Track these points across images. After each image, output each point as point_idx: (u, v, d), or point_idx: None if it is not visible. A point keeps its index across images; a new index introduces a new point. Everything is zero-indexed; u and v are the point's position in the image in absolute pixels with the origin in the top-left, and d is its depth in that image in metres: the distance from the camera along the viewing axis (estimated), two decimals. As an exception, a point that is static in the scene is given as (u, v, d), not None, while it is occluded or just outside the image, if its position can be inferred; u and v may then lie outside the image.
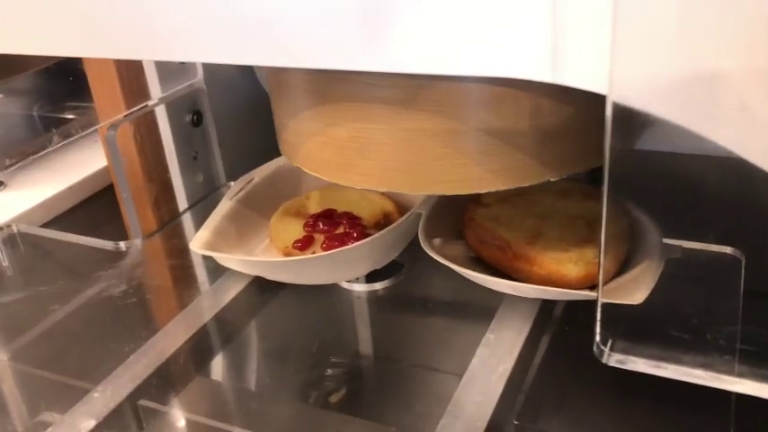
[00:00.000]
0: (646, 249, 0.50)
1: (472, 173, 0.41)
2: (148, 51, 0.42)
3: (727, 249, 0.52)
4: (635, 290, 0.44)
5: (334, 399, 0.51)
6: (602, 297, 0.44)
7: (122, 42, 0.41)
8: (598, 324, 0.31)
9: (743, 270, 0.50)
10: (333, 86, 0.41)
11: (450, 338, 0.56)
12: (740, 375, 0.29)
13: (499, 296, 0.54)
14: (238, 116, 0.77)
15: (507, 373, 0.47)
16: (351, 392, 0.52)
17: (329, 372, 0.53)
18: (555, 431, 0.47)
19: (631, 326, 0.35)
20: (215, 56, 0.39)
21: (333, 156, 0.44)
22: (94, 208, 0.86)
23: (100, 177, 0.86)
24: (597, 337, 0.31)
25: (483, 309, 0.54)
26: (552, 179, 0.42)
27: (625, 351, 0.31)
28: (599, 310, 0.31)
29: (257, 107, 0.79)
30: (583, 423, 0.47)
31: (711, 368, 0.29)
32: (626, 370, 0.48)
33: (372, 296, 0.60)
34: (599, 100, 0.31)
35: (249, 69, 0.77)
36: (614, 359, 0.31)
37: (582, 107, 0.39)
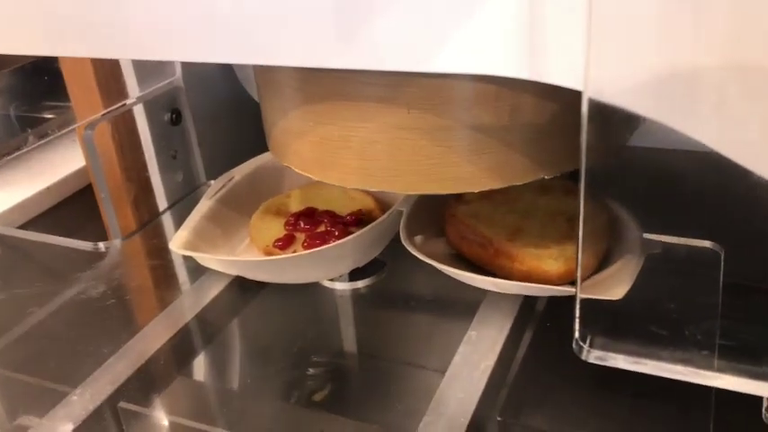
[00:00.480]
0: (625, 245, 0.50)
1: (464, 172, 0.40)
2: (125, 50, 0.41)
3: (707, 243, 0.53)
4: (614, 285, 0.44)
5: (317, 398, 0.51)
6: (582, 293, 0.44)
7: (98, 41, 0.41)
8: (577, 321, 0.31)
9: (722, 264, 0.51)
10: (322, 84, 0.41)
11: (432, 336, 0.56)
12: (719, 370, 0.29)
13: (481, 293, 0.54)
14: (218, 115, 0.77)
15: (489, 370, 0.47)
16: (334, 391, 0.52)
17: (312, 371, 0.53)
18: (537, 426, 0.47)
19: (610, 322, 0.35)
20: (192, 54, 0.39)
21: (323, 155, 0.43)
22: (72, 209, 0.85)
23: (78, 178, 0.86)
24: (576, 334, 0.31)
25: (465, 306, 0.54)
26: (546, 177, 0.42)
27: (604, 347, 0.31)
28: (577, 306, 0.31)
29: (237, 106, 0.78)
30: (565, 418, 0.47)
31: (691, 363, 0.29)
32: (604, 369, 0.49)
33: (354, 294, 0.59)
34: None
35: (228, 67, 0.76)
36: (594, 356, 0.31)
37: (574, 104, 0.39)
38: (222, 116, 0.77)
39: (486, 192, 0.56)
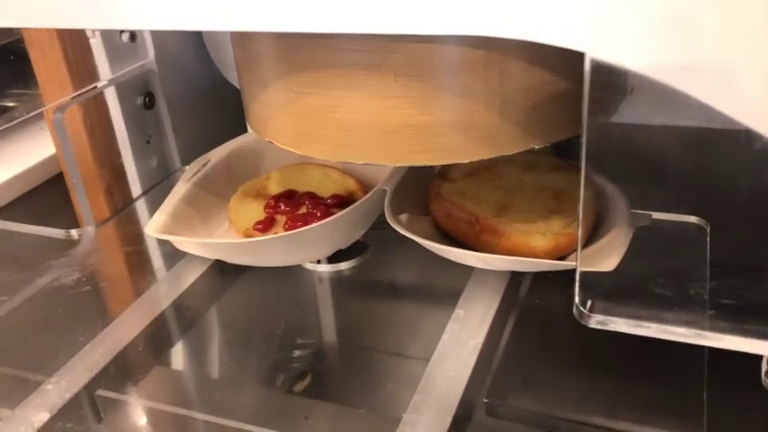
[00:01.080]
0: (613, 218, 0.49)
1: (453, 141, 0.39)
2: (93, 20, 0.39)
3: (692, 219, 0.52)
4: (606, 257, 0.43)
5: (300, 383, 0.50)
6: (574, 264, 0.43)
7: (62, 10, 0.39)
8: (577, 285, 0.30)
9: (708, 239, 0.50)
10: (304, 53, 0.39)
11: (418, 317, 0.55)
12: (722, 331, 0.28)
13: (467, 273, 0.53)
14: (192, 99, 0.75)
15: (479, 348, 0.47)
16: (318, 376, 0.51)
17: (295, 355, 0.52)
18: (525, 405, 0.46)
19: (610, 287, 0.34)
20: (165, 22, 0.37)
21: (306, 127, 0.42)
22: (43, 198, 0.83)
23: (47, 166, 0.83)
24: (576, 299, 0.30)
25: (451, 286, 0.53)
26: (536, 146, 0.41)
27: (605, 312, 0.30)
28: (578, 271, 0.30)
29: (212, 90, 0.76)
30: (553, 396, 0.46)
31: (693, 325, 0.29)
32: (595, 343, 0.48)
33: (338, 277, 0.58)
34: (582, 62, 0.30)
35: (203, 50, 0.74)
36: (594, 320, 0.30)
37: (565, 72, 0.39)
38: (197, 101, 0.75)
39: (472, 169, 0.56)
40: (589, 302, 0.30)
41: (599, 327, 0.30)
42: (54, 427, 0.44)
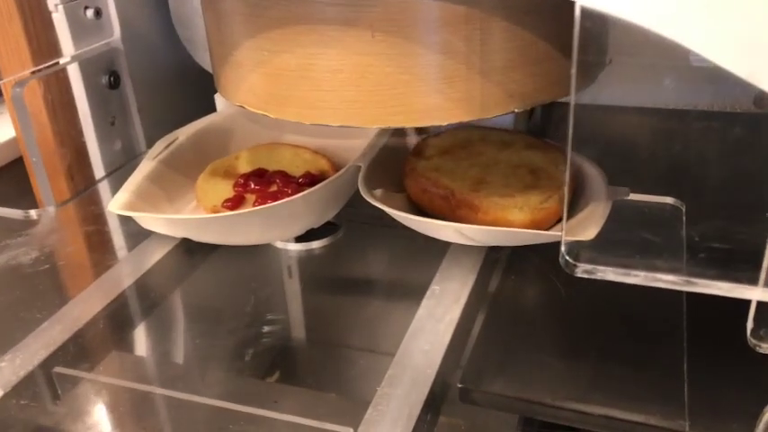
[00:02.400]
0: (590, 192, 0.49)
1: (433, 102, 0.38)
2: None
3: (668, 200, 0.52)
4: (585, 228, 0.42)
5: (269, 367, 0.48)
6: (554, 234, 0.43)
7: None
8: (564, 232, 0.29)
9: (684, 219, 0.50)
10: (276, 8, 0.38)
11: (391, 296, 0.54)
12: (711, 278, 0.27)
13: (441, 252, 0.52)
14: (159, 80, 0.73)
15: (455, 322, 0.45)
16: (287, 359, 0.49)
17: (264, 338, 0.50)
18: (500, 390, 0.45)
19: (602, 236, 0.33)
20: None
21: (280, 88, 0.40)
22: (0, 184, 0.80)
23: (4, 151, 0.80)
24: (563, 248, 0.29)
25: (424, 265, 0.52)
26: (517, 110, 0.40)
27: (592, 261, 0.29)
28: (564, 218, 0.29)
29: (179, 71, 0.74)
30: (529, 380, 0.45)
31: (682, 272, 0.28)
32: (573, 324, 0.47)
33: (308, 256, 0.57)
34: (563, 26, 0.29)
35: (170, 29, 0.72)
36: (581, 269, 0.29)
37: (546, 32, 0.38)
38: (164, 82, 0.73)
39: (447, 147, 0.55)
40: (575, 252, 0.29)
41: (586, 276, 0.29)
42: (8, 404, 0.41)
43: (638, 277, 0.28)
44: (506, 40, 0.37)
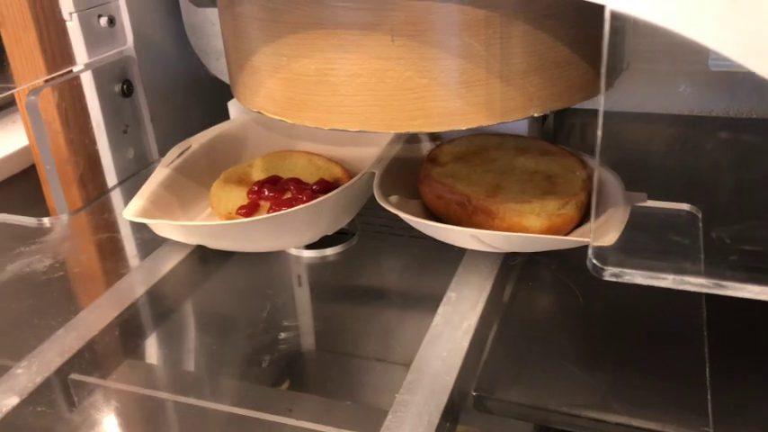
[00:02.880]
0: (607, 198, 0.48)
1: (452, 107, 0.38)
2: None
3: (684, 206, 0.52)
4: (605, 233, 0.42)
5: (283, 375, 0.48)
6: (575, 239, 0.42)
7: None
8: (592, 236, 0.29)
9: (701, 225, 0.49)
10: (295, 12, 0.37)
11: (407, 304, 0.53)
12: (743, 281, 0.27)
13: (456, 259, 0.51)
14: (171, 89, 0.73)
15: (472, 329, 0.45)
16: (302, 367, 0.49)
17: (278, 346, 0.50)
18: (516, 398, 0.44)
19: (625, 240, 0.33)
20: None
21: (298, 93, 0.40)
22: (12, 192, 0.80)
23: (16, 160, 0.80)
24: (590, 252, 0.29)
25: (440, 272, 0.52)
26: (536, 114, 0.39)
27: (619, 264, 0.29)
28: (593, 221, 0.29)
29: (192, 80, 0.75)
30: (545, 388, 0.44)
31: (714, 276, 0.27)
32: (590, 331, 0.47)
33: (322, 263, 0.56)
34: (583, 29, 0.29)
35: (183, 38, 0.73)
36: (609, 273, 0.29)
37: (566, 36, 0.37)
38: (177, 91, 0.73)
39: (462, 154, 0.55)
40: (602, 255, 0.29)
41: (613, 279, 0.29)
42: (24, 412, 0.41)
43: (666, 280, 0.27)
44: (526, 44, 0.37)
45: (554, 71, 0.39)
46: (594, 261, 0.29)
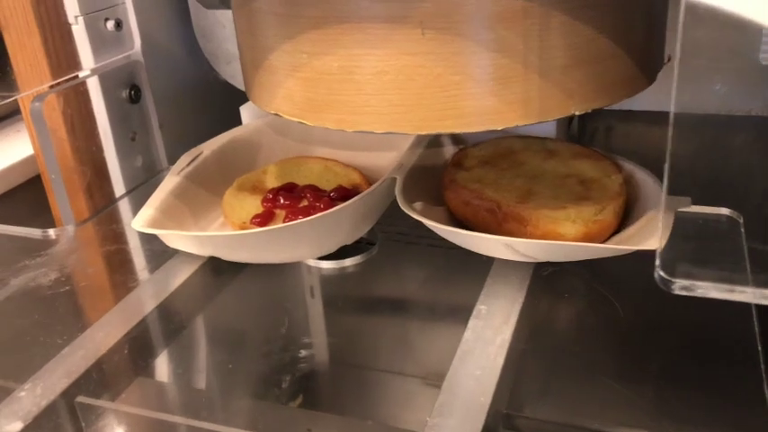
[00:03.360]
0: (644, 201, 0.46)
1: (487, 105, 0.35)
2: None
3: (724, 211, 0.49)
4: (647, 237, 0.39)
5: (301, 394, 0.45)
6: (619, 248, 0.39)
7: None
8: (660, 245, 0.26)
9: (743, 230, 0.46)
10: (316, 6, 0.35)
11: (432, 318, 0.50)
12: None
13: (483, 269, 0.48)
14: (181, 94, 0.70)
15: (506, 345, 0.42)
16: (322, 384, 0.46)
17: (296, 364, 0.47)
18: (548, 416, 0.41)
19: (697, 248, 0.30)
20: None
21: (320, 93, 0.37)
22: (16, 203, 0.77)
23: (20, 170, 0.78)
24: (657, 261, 0.26)
25: (467, 283, 0.49)
26: (577, 113, 0.36)
27: (689, 276, 0.26)
28: (661, 228, 0.26)
29: (202, 85, 0.72)
30: (582, 405, 0.41)
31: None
32: (629, 342, 0.44)
33: (341, 274, 0.53)
34: (625, 21, 0.26)
35: (192, 42, 0.70)
36: (678, 286, 0.26)
37: (608, 28, 0.34)
38: (186, 96, 0.71)
39: (488, 158, 0.52)
40: (670, 267, 0.26)
41: (684, 293, 0.26)
42: (28, 438, 0.38)
43: (745, 294, 0.24)
44: (566, 36, 0.34)
45: (596, 66, 0.36)
46: (662, 273, 0.26)
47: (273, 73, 0.39)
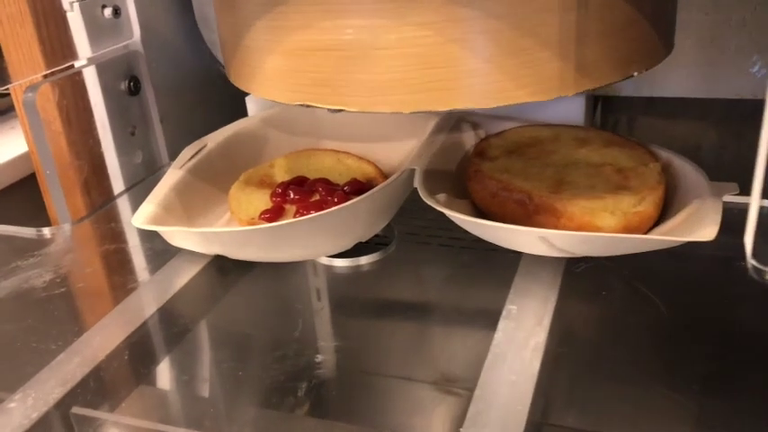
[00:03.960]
0: (686, 190, 0.42)
1: (553, 70, 0.31)
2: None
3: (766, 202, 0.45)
4: (699, 227, 0.36)
5: (315, 402, 0.41)
6: (668, 239, 0.36)
7: None
8: (749, 233, 0.22)
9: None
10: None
11: (458, 318, 0.47)
12: None
13: (510, 267, 0.45)
14: (182, 86, 0.67)
15: (542, 348, 0.38)
16: (337, 391, 0.42)
17: (309, 370, 0.43)
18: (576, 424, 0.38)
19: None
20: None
21: (318, 70, 0.33)
22: (9, 203, 0.74)
23: (13, 168, 0.74)
24: (747, 248, 0.22)
25: (493, 281, 0.46)
26: (636, 73, 0.33)
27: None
28: (753, 215, 0.22)
29: (204, 77, 0.69)
30: (614, 413, 0.38)
31: None
32: (670, 341, 0.40)
33: (357, 273, 0.50)
34: None
35: (194, 32, 0.67)
36: (770, 275, 0.22)
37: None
38: (188, 88, 0.68)
39: (513, 147, 0.48)
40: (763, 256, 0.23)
41: (780, 284, 0.22)
42: (17, 454, 0.35)
43: None
44: (580, 7, 0.31)
45: (611, 39, 0.33)
46: (753, 262, 0.22)
47: (257, 49, 0.35)
